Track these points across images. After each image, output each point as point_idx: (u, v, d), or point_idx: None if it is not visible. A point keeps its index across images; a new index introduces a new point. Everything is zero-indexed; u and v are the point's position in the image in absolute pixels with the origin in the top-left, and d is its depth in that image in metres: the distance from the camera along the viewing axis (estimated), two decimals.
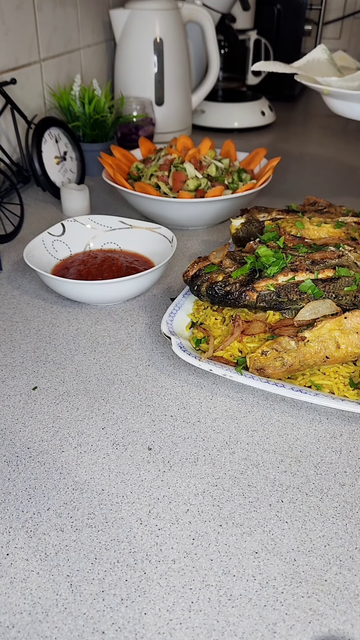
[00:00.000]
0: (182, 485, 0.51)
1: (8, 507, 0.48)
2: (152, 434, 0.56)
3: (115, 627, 0.40)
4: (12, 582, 0.42)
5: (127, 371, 0.65)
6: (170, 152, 1.01)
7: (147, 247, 0.85)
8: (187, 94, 1.46)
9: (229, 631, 0.39)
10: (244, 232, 0.81)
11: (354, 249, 0.68)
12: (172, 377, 0.64)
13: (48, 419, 0.58)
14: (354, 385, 0.59)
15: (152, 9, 1.32)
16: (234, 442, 0.55)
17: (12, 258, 0.89)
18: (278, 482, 0.51)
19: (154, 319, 0.75)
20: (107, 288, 0.72)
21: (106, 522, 0.47)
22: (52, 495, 0.49)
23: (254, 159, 1.07)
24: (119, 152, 1.06)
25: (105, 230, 0.88)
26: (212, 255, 0.70)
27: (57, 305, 0.77)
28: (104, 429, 0.57)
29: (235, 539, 0.46)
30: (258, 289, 0.64)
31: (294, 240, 0.71)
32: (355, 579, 0.43)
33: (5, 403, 0.60)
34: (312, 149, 1.51)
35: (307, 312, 0.62)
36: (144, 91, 1.38)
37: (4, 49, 1.04)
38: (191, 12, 1.41)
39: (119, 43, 1.38)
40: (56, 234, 0.84)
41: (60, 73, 1.26)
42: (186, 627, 0.40)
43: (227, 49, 1.72)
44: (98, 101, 1.20)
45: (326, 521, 0.48)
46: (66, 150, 1.15)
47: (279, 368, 0.59)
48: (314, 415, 0.59)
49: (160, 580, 0.43)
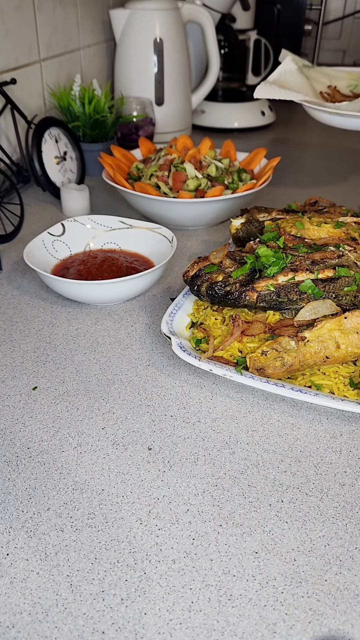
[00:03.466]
0: (182, 485, 0.51)
1: (8, 507, 0.48)
2: (152, 434, 0.56)
3: (115, 627, 0.40)
4: (12, 582, 0.42)
5: (127, 371, 0.65)
6: (170, 152, 1.01)
7: (147, 247, 0.85)
8: (187, 94, 1.46)
9: (229, 631, 0.39)
10: (244, 232, 0.81)
11: (354, 249, 0.68)
12: (172, 377, 0.64)
13: (48, 419, 0.58)
14: (354, 385, 0.59)
15: (152, 9, 1.32)
16: (234, 442, 0.55)
17: (12, 258, 0.89)
18: (278, 482, 0.51)
19: (154, 319, 0.75)
20: (107, 288, 0.72)
21: (106, 522, 0.47)
22: (52, 495, 0.49)
23: (254, 159, 1.07)
24: (119, 152, 1.06)
25: (105, 230, 0.88)
26: (212, 256, 0.70)
27: (57, 305, 0.77)
28: (104, 429, 0.57)
29: (235, 539, 0.46)
30: (258, 289, 0.64)
31: (294, 240, 0.71)
32: (355, 579, 0.43)
33: (5, 403, 0.60)
34: (312, 149, 1.51)
35: (307, 312, 0.62)
36: (144, 91, 1.38)
37: (4, 49, 1.04)
38: (191, 12, 1.41)
39: (119, 43, 1.38)
40: (56, 234, 0.84)
41: (60, 73, 1.26)
42: (186, 627, 0.40)
43: (227, 49, 1.72)
44: (98, 101, 1.20)
45: (326, 521, 0.48)
46: (66, 150, 1.15)
47: (279, 368, 0.59)
48: (314, 415, 0.59)
49: (160, 580, 0.43)
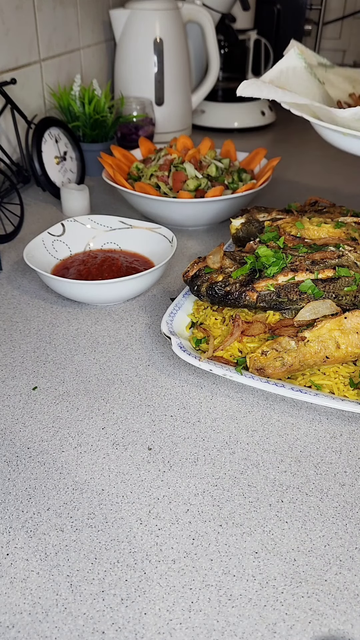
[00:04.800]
0: (182, 485, 0.51)
1: (8, 507, 0.48)
2: (152, 434, 0.56)
3: (115, 627, 0.40)
4: (12, 582, 0.42)
5: (127, 371, 0.65)
6: (170, 152, 1.01)
7: (147, 247, 0.85)
8: (187, 94, 1.46)
9: (229, 631, 0.39)
10: (244, 232, 0.81)
11: (354, 249, 0.68)
12: (172, 377, 0.64)
13: (48, 419, 0.58)
14: (354, 385, 0.59)
15: (152, 9, 1.32)
16: (234, 442, 0.55)
17: (12, 258, 0.89)
18: (278, 482, 0.51)
19: (154, 319, 0.75)
20: (107, 288, 0.72)
21: (106, 522, 0.47)
22: (52, 495, 0.49)
23: (254, 159, 1.07)
24: (119, 152, 1.06)
25: (105, 230, 0.88)
26: (210, 260, 0.69)
27: (57, 305, 0.77)
28: (104, 429, 0.57)
29: (235, 539, 0.46)
30: (258, 289, 0.64)
31: (294, 241, 0.71)
32: (355, 579, 0.43)
33: (5, 403, 0.60)
34: (312, 149, 1.51)
35: (307, 312, 0.62)
36: (144, 91, 1.38)
37: (4, 49, 1.04)
38: (191, 12, 1.41)
39: (119, 43, 1.38)
40: (56, 234, 0.84)
41: (60, 73, 1.26)
42: (186, 627, 0.40)
43: (227, 49, 1.72)
44: (98, 101, 1.20)
45: (326, 521, 0.48)
46: (66, 150, 1.15)
47: (279, 368, 0.59)
48: (314, 415, 0.59)
49: (160, 580, 0.43)
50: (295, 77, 0.79)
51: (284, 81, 0.79)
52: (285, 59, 0.81)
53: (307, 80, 0.81)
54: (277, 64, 0.80)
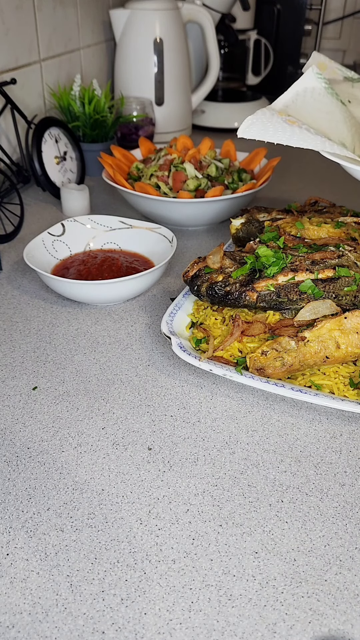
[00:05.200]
0: (182, 485, 0.51)
1: (8, 507, 0.48)
2: (152, 434, 0.56)
3: (115, 627, 0.40)
4: (12, 582, 0.42)
5: (127, 371, 0.65)
6: (170, 152, 1.01)
7: (147, 247, 0.85)
8: (187, 94, 1.46)
9: (229, 631, 0.39)
10: (244, 232, 0.81)
11: (354, 249, 0.68)
12: (172, 377, 0.64)
13: (48, 419, 0.58)
14: (354, 385, 0.59)
15: (152, 9, 1.32)
16: (234, 442, 0.55)
17: (12, 258, 0.89)
18: (278, 482, 0.51)
19: (154, 319, 0.75)
20: (107, 288, 0.72)
21: (106, 522, 0.47)
22: (52, 495, 0.49)
23: (254, 159, 1.07)
24: (119, 152, 1.06)
25: (105, 230, 0.88)
26: (210, 260, 0.69)
27: (57, 305, 0.77)
28: (104, 429, 0.57)
29: (235, 539, 0.46)
30: (258, 289, 0.64)
31: (294, 241, 0.71)
32: (355, 579, 0.43)
33: (5, 403, 0.60)
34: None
35: (307, 312, 0.62)
36: (144, 91, 1.38)
37: (4, 49, 1.04)
38: (191, 12, 1.41)
39: (119, 43, 1.38)
40: (56, 234, 0.84)
41: (60, 73, 1.26)
42: (186, 627, 0.40)
43: (227, 49, 1.72)
44: (98, 101, 1.20)
45: (326, 521, 0.48)
46: (66, 150, 1.15)
47: (279, 368, 0.59)
48: (314, 415, 0.59)
49: (160, 580, 0.43)
50: (313, 100, 0.69)
51: (300, 105, 0.68)
52: (302, 80, 0.70)
53: (328, 104, 0.70)
54: (293, 86, 0.70)
